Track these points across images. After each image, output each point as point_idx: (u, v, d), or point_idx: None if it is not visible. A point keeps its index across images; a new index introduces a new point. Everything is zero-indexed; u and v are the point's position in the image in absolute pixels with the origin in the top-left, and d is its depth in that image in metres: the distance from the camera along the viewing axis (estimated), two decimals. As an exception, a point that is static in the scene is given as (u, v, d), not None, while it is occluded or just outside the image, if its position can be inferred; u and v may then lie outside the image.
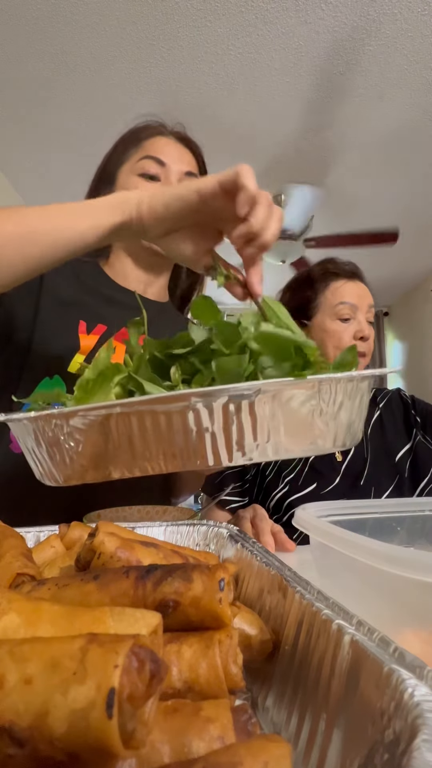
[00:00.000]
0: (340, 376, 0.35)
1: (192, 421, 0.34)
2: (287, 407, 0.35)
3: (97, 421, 0.36)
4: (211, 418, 0.34)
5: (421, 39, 1.83)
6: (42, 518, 0.49)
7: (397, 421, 1.05)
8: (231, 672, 0.24)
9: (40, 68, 1.94)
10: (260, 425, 0.35)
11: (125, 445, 0.36)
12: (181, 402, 0.34)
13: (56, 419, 0.37)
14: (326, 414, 0.36)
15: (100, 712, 0.15)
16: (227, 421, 0.34)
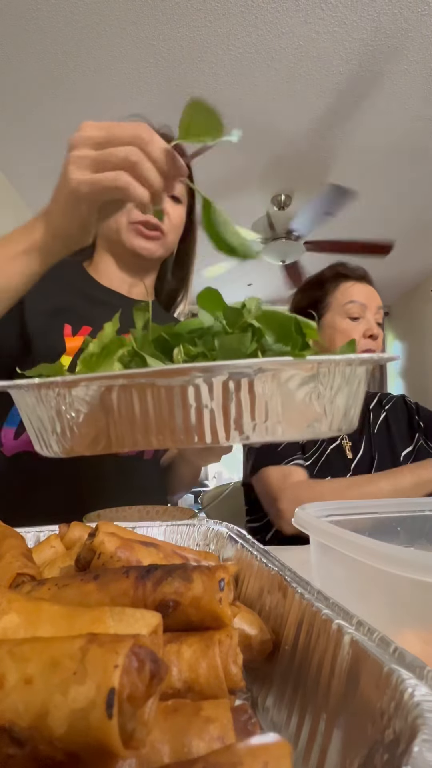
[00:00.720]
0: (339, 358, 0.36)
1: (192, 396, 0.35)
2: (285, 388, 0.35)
3: (99, 393, 0.36)
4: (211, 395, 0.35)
5: (422, 39, 1.83)
6: (42, 518, 0.49)
7: (401, 425, 1.09)
8: (231, 672, 0.24)
9: (40, 68, 1.94)
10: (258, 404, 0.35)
11: (125, 418, 0.36)
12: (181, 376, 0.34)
13: (59, 388, 0.37)
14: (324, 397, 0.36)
15: (100, 712, 0.15)
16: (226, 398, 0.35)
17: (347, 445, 1.03)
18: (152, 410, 0.36)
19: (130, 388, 0.35)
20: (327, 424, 0.37)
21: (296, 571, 0.31)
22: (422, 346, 4.53)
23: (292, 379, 0.35)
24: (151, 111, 2.01)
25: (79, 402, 0.37)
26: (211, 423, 0.35)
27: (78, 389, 0.36)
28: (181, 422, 0.35)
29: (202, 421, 0.35)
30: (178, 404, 0.35)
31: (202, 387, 0.34)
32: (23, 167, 2.56)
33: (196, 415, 0.35)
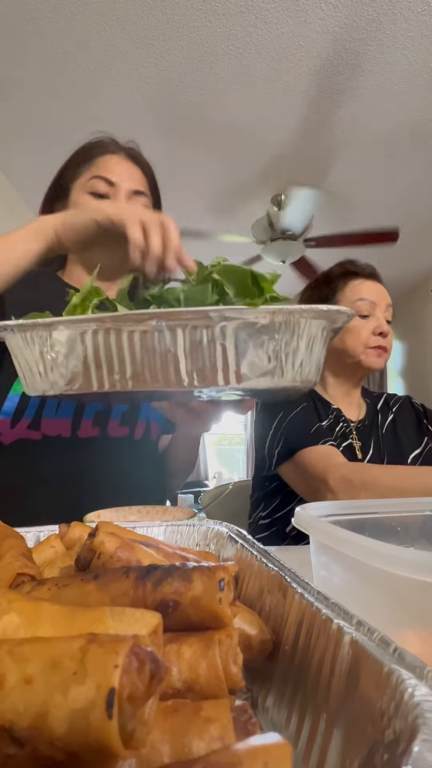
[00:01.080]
0: (291, 308, 0.38)
1: (157, 341, 0.38)
2: (243, 336, 0.38)
3: (76, 335, 0.40)
4: (174, 341, 0.38)
5: (422, 39, 1.83)
6: (41, 518, 0.49)
7: (408, 427, 1.09)
8: (231, 672, 0.24)
9: (40, 68, 1.94)
10: (217, 351, 0.38)
11: (99, 360, 0.40)
12: (146, 321, 0.38)
13: (40, 329, 0.41)
14: (279, 349, 0.39)
15: (100, 712, 0.15)
16: (190, 344, 0.38)
17: (357, 446, 1.03)
18: (122, 354, 0.39)
19: (101, 332, 0.39)
20: (280, 373, 0.40)
21: (296, 571, 0.31)
22: (422, 346, 4.52)
23: (249, 327, 0.38)
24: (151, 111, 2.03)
25: (58, 344, 0.41)
26: (175, 367, 0.39)
27: (57, 332, 0.41)
28: (148, 366, 0.39)
29: (167, 365, 0.39)
30: (145, 349, 0.39)
31: (166, 333, 0.38)
32: (23, 167, 2.56)
33: (160, 359, 0.39)
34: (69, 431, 0.78)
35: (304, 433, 0.95)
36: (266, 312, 0.38)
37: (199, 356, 0.39)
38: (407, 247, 3.50)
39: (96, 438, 0.80)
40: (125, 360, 0.40)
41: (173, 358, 0.39)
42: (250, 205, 2.94)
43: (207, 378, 0.39)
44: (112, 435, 0.82)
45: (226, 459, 6.26)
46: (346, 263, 1.09)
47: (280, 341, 0.39)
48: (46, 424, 0.77)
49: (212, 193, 2.86)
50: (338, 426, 1.04)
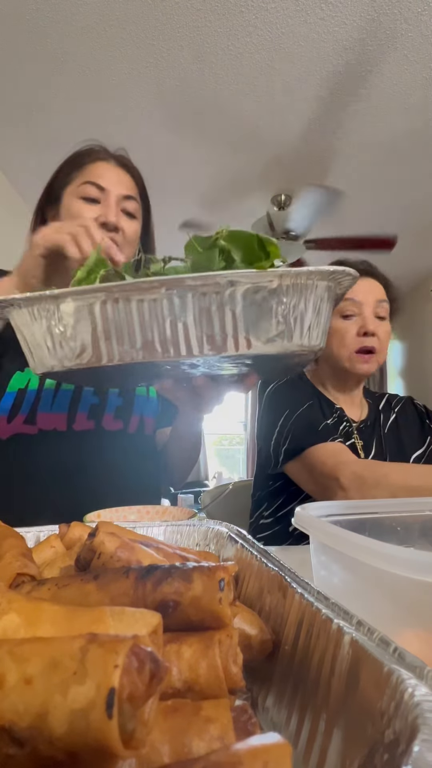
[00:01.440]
0: (298, 271, 0.38)
1: (166, 310, 0.38)
2: (251, 300, 0.38)
3: (84, 307, 0.39)
4: (183, 308, 0.38)
5: (422, 39, 1.83)
6: (37, 512, 0.49)
7: (411, 427, 1.09)
8: (231, 672, 0.24)
9: (40, 69, 1.94)
10: (227, 317, 0.38)
11: (108, 332, 0.40)
12: (156, 290, 0.37)
13: (48, 302, 0.40)
14: (287, 312, 0.39)
15: (100, 712, 0.15)
16: (199, 311, 0.38)
17: (359, 444, 1.03)
18: (132, 324, 0.39)
19: (109, 302, 0.39)
20: (290, 338, 0.40)
21: (296, 571, 0.31)
22: (422, 346, 4.52)
23: (257, 292, 0.38)
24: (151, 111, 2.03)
25: (66, 317, 0.40)
26: (185, 335, 0.38)
27: (65, 304, 0.40)
28: (158, 335, 0.39)
29: (176, 333, 0.38)
30: (155, 317, 0.38)
31: (175, 300, 0.38)
32: (23, 167, 2.56)
33: (171, 328, 0.38)
34: (64, 425, 0.80)
35: (312, 430, 0.95)
36: (274, 275, 0.37)
37: (209, 323, 0.38)
38: (407, 248, 3.50)
39: (91, 431, 0.82)
40: (135, 330, 0.39)
41: (183, 326, 0.38)
42: (250, 205, 2.94)
43: (217, 345, 0.39)
44: (106, 428, 0.83)
45: (226, 459, 6.25)
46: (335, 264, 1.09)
47: (288, 304, 0.39)
48: (42, 418, 0.78)
49: (212, 192, 2.86)
50: (341, 425, 1.04)
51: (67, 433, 0.80)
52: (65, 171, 0.86)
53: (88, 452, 0.80)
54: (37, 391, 0.79)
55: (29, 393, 0.78)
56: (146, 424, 0.88)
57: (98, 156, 0.86)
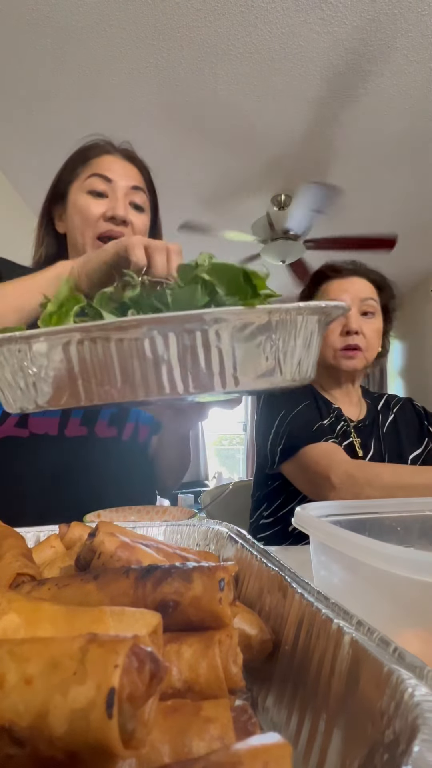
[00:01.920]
0: (288, 307, 0.36)
1: (148, 349, 0.35)
2: (239, 337, 0.36)
3: (59, 347, 0.37)
4: (166, 347, 0.35)
5: (422, 39, 1.83)
6: (41, 518, 0.49)
7: (410, 428, 1.10)
8: (231, 672, 0.24)
9: (40, 68, 1.94)
10: (213, 355, 0.36)
11: (85, 372, 0.37)
12: (135, 329, 0.35)
13: (19, 343, 0.37)
14: (277, 347, 0.37)
15: (100, 712, 0.15)
16: (182, 350, 0.35)
17: (357, 443, 1.04)
18: (111, 363, 0.36)
19: (87, 341, 0.36)
20: (279, 373, 0.38)
21: (296, 571, 0.31)
22: (422, 346, 4.52)
23: (245, 328, 0.36)
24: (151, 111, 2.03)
25: (40, 357, 0.37)
26: (168, 374, 0.36)
27: (38, 344, 0.37)
28: (139, 375, 0.36)
29: (159, 373, 0.36)
30: (136, 357, 0.36)
31: (157, 339, 0.35)
32: (23, 167, 2.56)
33: (153, 367, 0.36)
34: (56, 429, 0.79)
35: (306, 430, 0.95)
36: (264, 312, 0.36)
37: (194, 362, 0.36)
38: (407, 248, 3.50)
39: (83, 437, 0.81)
40: (115, 370, 0.37)
41: (167, 365, 0.36)
42: (250, 205, 2.94)
43: (203, 384, 0.37)
44: (99, 435, 0.82)
45: (226, 459, 6.26)
46: (323, 267, 1.09)
47: (278, 341, 0.37)
48: (34, 422, 0.77)
49: (212, 192, 2.86)
50: (339, 425, 1.04)
51: (58, 438, 0.78)
52: (70, 167, 0.85)
53: (79, 458, 0.79)
54: None
55: None
56: (141, 431, 0.88)
57: (103, 149, 0.85)
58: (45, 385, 0.39)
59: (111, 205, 0.80)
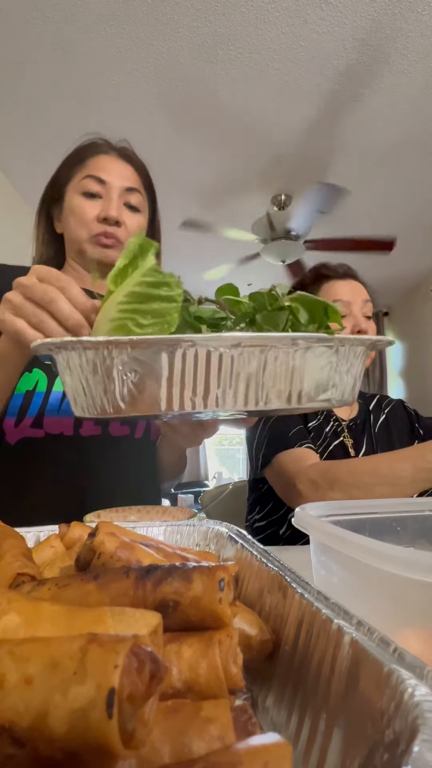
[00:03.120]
0: (354, 338, 0.42)
1: (244, 362, 0.39)
2: (311, 357, 0.40)
3: (161, 353, 0.38)
4: (260, 363, 0.39)
5: (422, 39, 1.83)
6: (43, 516, 0.49)
7: (401, 428, 1.11)
8: (231, 672, 0.24)
9: (40, 68, 1.94)
10: (294, 373, 0.40)
11: (174, 380, 0.39)
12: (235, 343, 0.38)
13: (120, 347, 0.38)
14: (339, 370, 0.42)
15: (100, 712, 0.15)
16: (264, 366, 0.39)
17: (349, 443, 1.04)
18: (209, 374, 0.39)
19: (187, 351, 0.38)
20: (340, 393, 0.43)
21: (296, 571, 0.31)
22: (422, 346, 4.53)
23: (320, 354, 0.41)
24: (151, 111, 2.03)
25: (135, 363, 0.38)
26: (256, 388, 0.40)
27: (138, 351, 0.38)
28: (232, 387, 0.39)
29: (249, 386, 0.39)
30: (229, 369, 0.39)
31: (255, 354, 0.39)
32: (23, 167, 2.56)
33: (245, 381, 0.39)
34: (71, 430, 0.79)
35: (283, 436, 0.97)
36: (337, 340, 0.40)
37: (274, 379, 0.40)
38: (407, 247, 3.50)
39: (97, 436, 0.81)
40: (210, 380, 0.39)
41: (255, 379, 0.39)
42: (250, 205, 2.94)
43: (280, 398, 0.40)
44: (113, 434, 0.83)
45: (226, 459, 6.26)
46: (319, 267, 1.10)
47: (342, 366, 0.42)
48: (49, 422, 0.78)
49: (212, 192, 2.86)
50: (329, 425, 1.04)
51: (74, 438, 0.79)
52: (67, 167, 0.85)
53: (93, 457, 0.80)
54: (45, 393, 0.78)
55: (37, 395, 0.78)
56: (152, 430, 0.89)
57: (100, 149, 0.85)
58: (135, 390, 0.39)
59: (104, 206, 0.80)
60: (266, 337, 0.38)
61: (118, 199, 0.81)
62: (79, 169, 0.83)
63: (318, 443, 1.01)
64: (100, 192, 0.81)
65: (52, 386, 0.79)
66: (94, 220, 0.80)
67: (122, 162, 0.85)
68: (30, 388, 0.78)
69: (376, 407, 1.14)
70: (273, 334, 0.39)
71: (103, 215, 0.79)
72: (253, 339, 0.38)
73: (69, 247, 0.86)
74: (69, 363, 0.41)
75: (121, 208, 0.81)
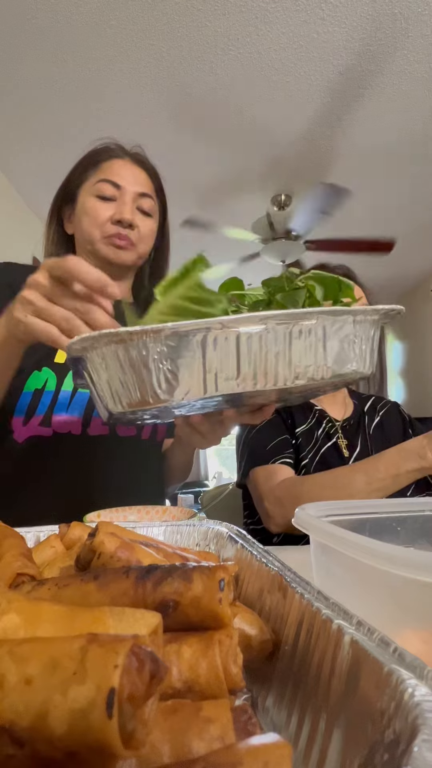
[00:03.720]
0: (368, 309, 0.43)
1: (271, 341, 0.40)
2: (332, 330, 0.42)
3: (193, 338, 0.39)
4: (286, 340, 0.41)
5: (422, 39, 1.83)
6: (41, 518, 0.49)
7: (395, 431, 1.11)
8: (231, 672, 0.24)
9: (40, 68, 1.94)
10: (315, 347, 0.42)
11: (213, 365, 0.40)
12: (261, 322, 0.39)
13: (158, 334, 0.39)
14: (358, 339, 0.44)
15: (100, 712, 0.15)
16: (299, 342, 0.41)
17: (343, 444, 1.04)
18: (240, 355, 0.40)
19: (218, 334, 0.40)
20: (362, 364, 0.45)
21: (296, 571, 0.31)
22: (422, 346, 4.53)
23: (342, 326, 0.42)
24: (151, 111, 2.03)
25: (170, 349, 0.40)
26: (284, 365, 0.41)
27: (175, 337, 0.39)
28: (262, 366, 0.40)
29: (276, 364, 0.41)
30: (258, 349, 0.40)
31: (281, 332, 0.40)
32: (23, 167, 2.56)
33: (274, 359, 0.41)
34: (79, 429, 0.80)
35: (260, 450, 0.99)
36: (355, 311, 0.42)
37: (300, 353, 0.41)
38: (407, 247, 3.50)
39: (105, 436, 0.82)
40: (241, 362, 0.40)
41: (284, 356, 0.40)
42: (250, 205, 2.94)
43: (305, 373, 0.42)
44: (120, 434, 0.84)
45: (226, 459, 6.26)
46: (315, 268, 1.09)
47: (360, 336, 0.44)
48: (57, 421, 0.78)
49: (212, 192, 2.86)
50: (321, 428, 1.04)
51: (81, 437, 0.80)
52: (80, 168, 0.86)
53: (101, 456, 0.81)
54: (54, 392, 0.79)
55: (45, 394, 0.78)
56: (159, 431, 0.89)
57: (114, 153, 0.86)
58: (170, 377, 0.41)
59: (119, 209, 0.81)
60: (289, 313, 0.40)
61: (131, 203, 0.82)
62: (94, 172, 0.84)
63: (309, 448, 1.01)
64: (114, 195, 0.82)
65: (61, 385, 0.80)
66: (108, 221, 0.81)
67: (136, 167, 0.86)
68: (39, 387, 0.78)
69: (371, 408, 1.14)
70: (296, 311, 0.40)
71: (117, 217, 0.81)
72: (277, 316, 0.39)
73: (80, 247, 0.87)
74: (105, 358, 0.42)
75: (135, 212, 0.83)
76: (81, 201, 0.84)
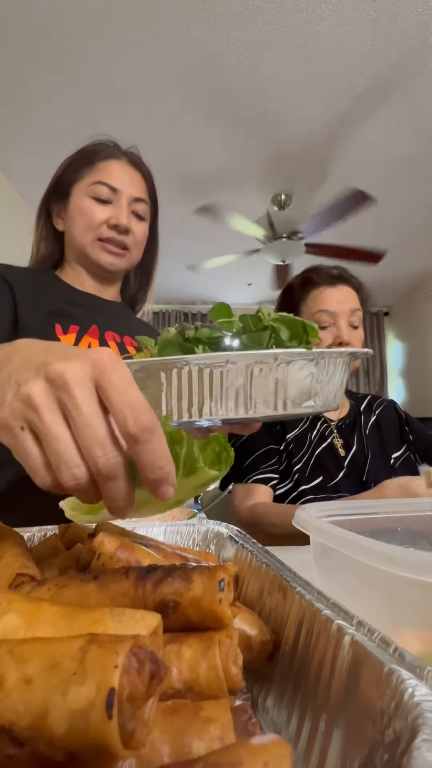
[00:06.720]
0: (333, 351, 0.46)
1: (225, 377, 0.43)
2: (293, 370, 0.44)
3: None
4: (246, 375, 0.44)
5: (422, 39, 1.83)
6: (42, 518, 0.49)
7: (391, 429, 1.11)
8: (231, 672, 0.24)
9: (40, 68, 1.94)
10: (277, 385, 0.44)
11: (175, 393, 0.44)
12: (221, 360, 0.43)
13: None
14: (320, 380, 0.46)
15: (99, 713, 0.15)
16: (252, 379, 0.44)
17: (339, 443, 1.04)
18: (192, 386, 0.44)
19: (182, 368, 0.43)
20: (322, 400, 0.47)
21: (296, 571, 0.31)
22: (422, 346, 4.53)
23: (302, 367, 0.45)
24: (151, 110, 2.02)
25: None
26: (236, 397, 0.44)
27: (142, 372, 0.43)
28: (216, 395, 0.44)
29: (228, 396, 0.44)
30: (215, 383, 0.44)
31: (232, 370, 0.43)
32: (23, 167, 2.56)
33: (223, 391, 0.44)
34: None
35: (241, 462, 1.01)
36: (315, 354, 0.44)
37: (266, 389, 0.44)
38: (407, 248, 3.50)
39: None
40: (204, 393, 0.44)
41: (244, 391, 0.44)
42: (250, 205, 2.94)
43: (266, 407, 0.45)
44: None
45: (226, 459, 6.26)
46: (309, 271, 1.09)
47: (319, 376, 0.46)
48: None
49: (213, 192, 2.86)
50: (315, 430, 1.04)
51: None
52: (75, 165, 0.85)
53: None
54: None
55: None
56: None
57: (110, 153, 0.85)
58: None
59: (115, 214, 0.81)
60: (250, 354, 0.43)
61: (127, 207, 0.82)
62: (89, 171, 0.83)
63: (301, 452, 1.02)
64: (110, 198, 0.82)
65: None
66: (103, 224, 0.81)
67: (132, 169, 0.86)
68: None
69: (367, 407, 1.14)
70: (256, 352, 0.43)
71: (113, 222, 0.81)
72: (239, 357, 0.43)
73: (70, 246, 0.87)
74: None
75: (131, 216, 0.83)
76: (75, 200, 0.83)
